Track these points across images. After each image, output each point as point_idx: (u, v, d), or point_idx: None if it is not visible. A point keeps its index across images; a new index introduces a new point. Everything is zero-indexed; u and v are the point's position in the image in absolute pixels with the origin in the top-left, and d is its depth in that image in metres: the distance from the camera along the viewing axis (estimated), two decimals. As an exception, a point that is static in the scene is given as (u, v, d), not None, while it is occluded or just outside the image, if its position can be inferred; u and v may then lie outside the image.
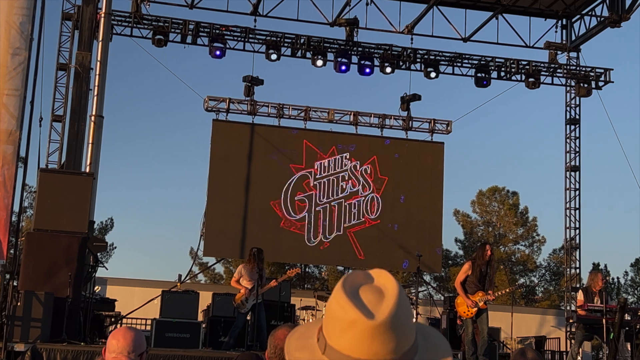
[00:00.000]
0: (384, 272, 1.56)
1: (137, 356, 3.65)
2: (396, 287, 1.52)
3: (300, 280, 33.18)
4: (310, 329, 1.61)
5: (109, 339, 3.70)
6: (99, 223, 34.80)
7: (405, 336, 1.50)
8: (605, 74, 20.71)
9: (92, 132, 15.20)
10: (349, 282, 1.53)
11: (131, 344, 3.64)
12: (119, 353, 3.62)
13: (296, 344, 1.60)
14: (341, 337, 1.49)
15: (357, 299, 1.49)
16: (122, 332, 3.72)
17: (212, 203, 19.28)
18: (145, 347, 3.73)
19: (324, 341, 1.53)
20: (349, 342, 1.48)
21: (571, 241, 21.81)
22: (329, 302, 1.54)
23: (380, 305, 1.48)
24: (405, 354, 1.50)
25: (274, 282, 12.92)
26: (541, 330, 23.66)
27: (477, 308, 11.70)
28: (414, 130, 20.84)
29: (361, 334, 1.47)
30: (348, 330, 1.48)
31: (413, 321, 1.54)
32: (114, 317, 16.25)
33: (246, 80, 19.52)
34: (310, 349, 1.55)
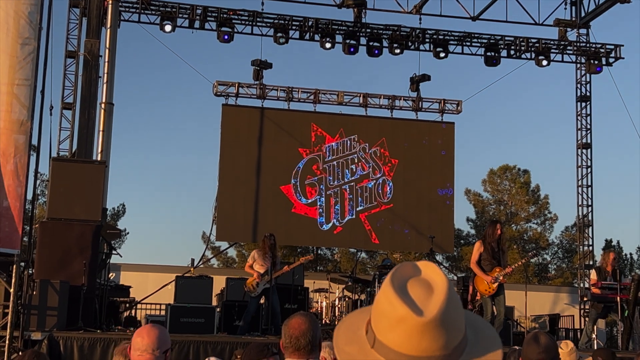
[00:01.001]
0: (431, 264, 1.56)
1: (162, 353, 3.67)
2: (445, 281, 1.52)
3: (313, 263, 33.24)
4: (358, 319, 1.61)
5: (134, 337, 3.70)
6: (111, 209, 34.92)
7: (455, 331, 1.50)
8: (616, 50, 20.57)
9: (103, 120, 15.24)
10: (397, 277, 1.53)
11: (156, 341, 3.65)
12: (143, 351, 3.63)
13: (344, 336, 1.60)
14: (390, 332, 1.49)
15: (406, 295, 1.49)
16: (146, 329, 3.73)
17: (223, 188, 19.31)
18: (170, 344, 3.75)
19: (372, 335, 1.53)
20: (398, 338, 1.48)
21: (583, 218, 21.76)
22: (377, 297, 1.54)
23: (429, 301, 1.48)
24: (455, 348, 1.50)
25: (286, 268, 12.98)
26: (555, 308, 23.67)
27: (497, 283, 11.72)
28: (424, 111, 20.78)
29: (410, 330, 1.47)
30: (397, 326, 1.48)
31: (462, 315, 1.54)
32: (129, 303, 16.35)
33: (255, 64, 19.48)
34: (360, 342, 1.56)
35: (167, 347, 3.70)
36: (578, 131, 21.82)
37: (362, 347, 1.54)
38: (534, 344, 3.88)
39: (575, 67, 21.77)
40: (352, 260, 31.21)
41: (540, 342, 3.87)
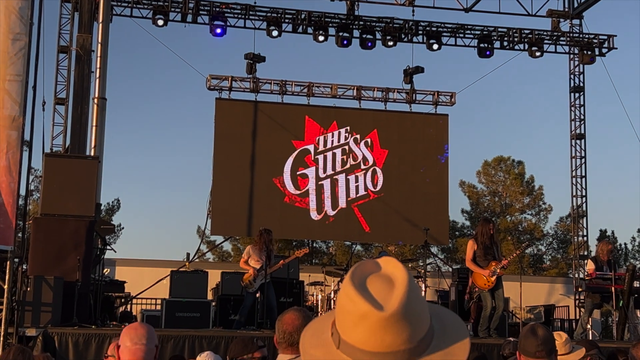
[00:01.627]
0: (392, 259, 1.54)
1: (154, 346, 3.69)
2: (405, 275, 1.49)
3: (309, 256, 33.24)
4: (324, 323, 1.60)
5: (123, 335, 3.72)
6: (106, 205, 34.85)
7: (419, 324, 1.48)
8: (609, 41, 20.58)
9: (96, 115, 15.18)
10: (357, 274, 1.51)
11: (146, 334, 3.68)
12: (135, 343, 3.65)
13: (310, 341, 1.58)
14: (354, 331, 1.47)
15: (366, 291, 1.47)
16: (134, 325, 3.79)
17: (217, 182, 19.28)
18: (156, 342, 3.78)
19: (337, 336, 1.51)
20: (362, 336, 1.46)
21: (578, 209, 21.80)
22: (339, 296, 1.52)
23: (389, 296, 1.46)
24: (420, 341, 1.48)
25: (281, 263, 12.98)
26: (550, 298, 23.71)
27: (495, 276, 11.76)
28: (417, 103, 20.77)
29: (373, 326, 1.45)
30: (360, 323, 1.46)
31: (426, 307, 1.52)
32: (124, 298, 16.33)
33: (248, 57, 19.43)
34: (325, 345, 1.54)
35: (156, 343, 3.73)
36: (572, 122, 21.84)
37: (328, 349, 1.52)
38: (531, 337, 3.87)
39: (568, 58, 21.78)
40: (347, 253, 31.20)
41: (538, 334, 3.86)
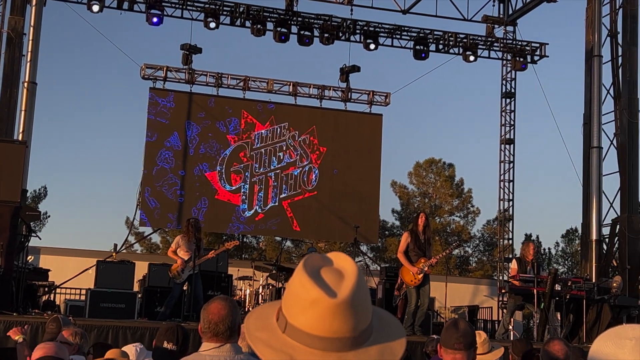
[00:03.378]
0: (342, 254, 1.60)
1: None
2: (355, 268, 1.56)
3: (238, 251, 33.15)
4: (269, 310, 1.64)
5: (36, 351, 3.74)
6: (32, 191, 34.17)
7: (364, 315, 1.54)
8: (541, 49, 21.01)
9: (25, 99, 14.90)
10: (309, 264, 1.56)
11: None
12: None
13: (255, 323, 1.62)
14: (303, 315, 1.52)
15: (319, 279, 1.52)
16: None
17: (148, 173, 19.06)
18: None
19: (284, 320, 1.55)
20: (311, 321, 1.51)
21: (505, 212, 22.22)
22: (290, 282, 1.56)
23: (341, 285, 1.52)
24: (363, 332, 1.54)
25: (212, 253, 12.91)
26: (474, 299, 24.15)
27: (422, 274, 11.93)
28: (352, 102, 20.87)
29: (323, 312, 1.50)
30: (310, 308, 1.51)
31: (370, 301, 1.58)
32: (47, 287, 16.02)
33: (184, 48, 19.25)
34: (271, 329, 1.58)
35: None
36: (502, 127, 22.24)
37: (273, 333, 1.57)
38: (452, 329, 3.95)
39: (501, 64, 22.19)
40: (277, 249, 31.22)
41: (459, 327, 3.95)
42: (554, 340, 5.26)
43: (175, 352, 4.27)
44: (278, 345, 1.54)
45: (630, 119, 17.75)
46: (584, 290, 13.58)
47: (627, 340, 1.69)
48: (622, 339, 1.70)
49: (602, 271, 17.15)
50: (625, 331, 1.72)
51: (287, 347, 1.53)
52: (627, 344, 1.68)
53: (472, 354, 3.99)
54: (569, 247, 39.48)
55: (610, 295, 14.31)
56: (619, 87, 18.14)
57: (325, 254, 1.61)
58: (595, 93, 18.02)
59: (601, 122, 18.04)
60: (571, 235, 38.88)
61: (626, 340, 1.68)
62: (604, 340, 1.74)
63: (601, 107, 18.11)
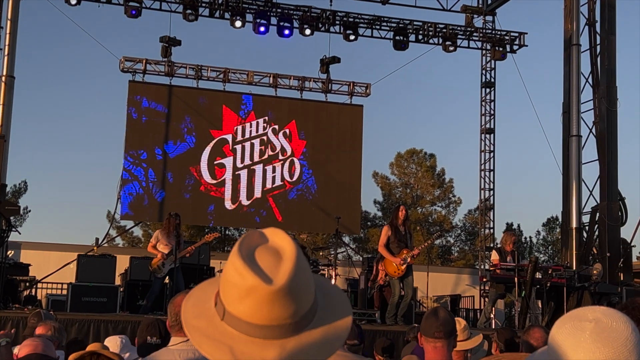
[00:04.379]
0: (279, 231, 1.53)
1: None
2: (293, 247, 1.49)
3: (221, 243, 33.14)
4: (206, 292, 1.57)
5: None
6: (12, 186, 33.96)
7: (305, 298, 1.48)
8: (520, 38, 21.07)
9: (3, 93, 14.79)
10: (244, 245, 1.50)
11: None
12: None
13: (192, 310, 1.55)
14: (240, 303, 1.46)
15: (254, 264, 1.46)
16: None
17: (129, 165, 18.97)
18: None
19: (222, 307, 1.49)
20: (249, 309, 1.46)
21: (485, 202, 22.32)
22: (225, 268, 1.50)
23: (278, 269, 1.46)
24: (304, 315, 1.48)
25: (191, 248, 12.88)
26: (456, 289, 24.25)
27: (406, 264, 11.99)
28: (333, 93, 20.86)
29: (260, 300, 1.44)
30: (247, 297, 1.45)
31: (312, 280, 1.52)
32: (29, 282, 15.94)
33: (163, 40, 19.14)
34: (208, 316, 1.52)
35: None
36: (482, 116, 22.33)
37: (211, 320, 1.50)
38: (432, 318, 3.98)
39: (480, 54, 22.25)
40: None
41: (439, 315, 3.97)
42: (533, 327, 5.30)
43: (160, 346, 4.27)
44: (217, 334, 1.48)
45: (609, 107, 17.86)
46: (565, 278, 13.70)
47: (586, 322, 1.63)
48: (582, 320, 1.65)
49: (583, 259, 17.28)
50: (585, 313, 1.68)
51: (226, 338, 1.47)
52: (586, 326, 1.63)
53: (452, 342, 4.01)
54: (550, 236, 39.73)
55: (590, 283, 14.43)
56: (598, 76, 18.24)
57: (262, 230, 1.53)
58: (574, 82, 18.11)
59: (580, 110, 18.14)
60: (552, 224, 39.12)
61: (585, 323, 1.63)
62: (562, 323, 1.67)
63: (580, 96, 18.21)
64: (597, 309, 1.67)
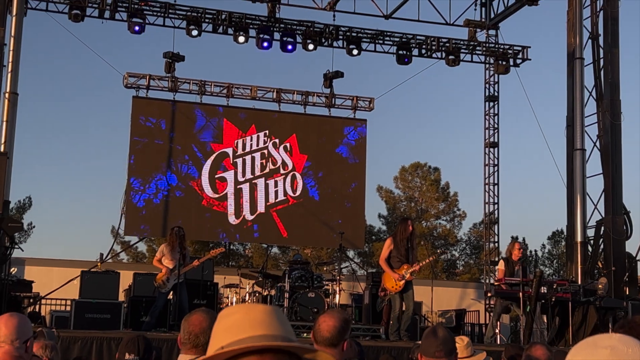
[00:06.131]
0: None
1: (23, 343, 3.49)
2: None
3: (225, 258, 33.06)
4: None
5: None
6: (17, 202, 34.00)
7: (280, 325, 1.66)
8: (523, 52, 21.07)
9: (7, 110, 14.82)
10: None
11: (14, 331, 3.45)
12: (2, 342, 3.44)
13: None
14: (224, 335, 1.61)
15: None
16: (4, 319, 3.51)
17: (132, 181, 18.98)
18: (31, 334, 3.57)
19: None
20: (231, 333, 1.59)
21: (490, 216, 22.25)
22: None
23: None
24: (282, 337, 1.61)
25: (196, 262, 12.87)
26: (462, 303, 24.16)
27: (404, 280, 11.92)
28: (336, 108, 20.87)
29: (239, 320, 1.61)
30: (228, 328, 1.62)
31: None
32: (32, 298, 15.93)
33: (167, 56, 19.18)
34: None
35: (28, 337, 3.51)
36: (486, 130, 22.29)
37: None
38: (432, 337, 3.95)
39: (484, 68, 22.22)
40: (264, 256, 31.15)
41: (438, 335, 3.94)
42: (536, 345, 5.27)
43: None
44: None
45: (613, 121, 17.82)
46: (570, 293, 13.60)
47: (602, 349, 1.66)
48: (598, 347, 1.67)
49: (588, 273, 17.20)
50: (601, 340, 1.69)
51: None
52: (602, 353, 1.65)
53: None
54: (555, 249, 39.58)
55: (596, 297, 14.33)
56: (601, 89, 18.21)
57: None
58: (577, 95, 18.07)
59: (584, 124, 18.09)
60: (557, 237, 38.99)
61: (601, 349, 1.66)
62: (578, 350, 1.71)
63: (584, 109, 18.17)
64: (614, 336, 1.70)
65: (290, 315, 13.24)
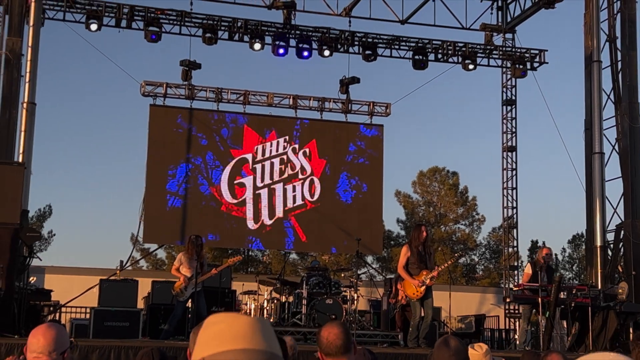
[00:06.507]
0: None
1: (60, 355, 3.52)
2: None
3: (243, 265, 33.12)
4: None
5: (29, 338, 3.55)
6: (37, 211, 34.22)
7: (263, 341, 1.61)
8: (540, 55, 20.97)
9: (25, 120, 14.92)
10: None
11: (52, 342, 3.49)
12: (39, 352, 3.47)
13: None
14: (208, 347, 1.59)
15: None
16: (42, 330, 3.56)
17: (150, 189, 19.06)
18: (68, 345, 3.61)
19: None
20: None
21: (509, 220, 22.14)
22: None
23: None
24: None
25: (214, 271, 12.89)
26: (481, 308, 24.06)
27: (424, 286, 11.88)
28: (353, 113, 20.86)
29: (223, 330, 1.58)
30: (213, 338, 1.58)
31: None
32: (52, 306, 16.01)
33: (183, 64, 19.26)
34: None
35: (65, 348, 3.54)
36: (503, 134, 22.19)
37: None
38: (444, 348, 3.91)
39: (501, 72, 22.14)
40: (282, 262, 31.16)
41: (450, 345, 3.91)
42: (552, 353, 5.23)
43: None
44: None
45: (631, 124, 17.69)
46: (589, 298, 13.49)
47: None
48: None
49: (608, 277, 17.05)
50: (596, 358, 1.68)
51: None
52: None
53: (466, 370, 3.95)
54: (576, 253, 39.32)
55: (616, 302, 14.20)
56: (619, 92, 18.08)
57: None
58: (595, 98, 17.95)
59: (602, 127, 17.96)
60: (577, 241, 38.72)
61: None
62: None
63: (602, 113, 18.03)
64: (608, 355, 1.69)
65: (308, 322, 13.23)
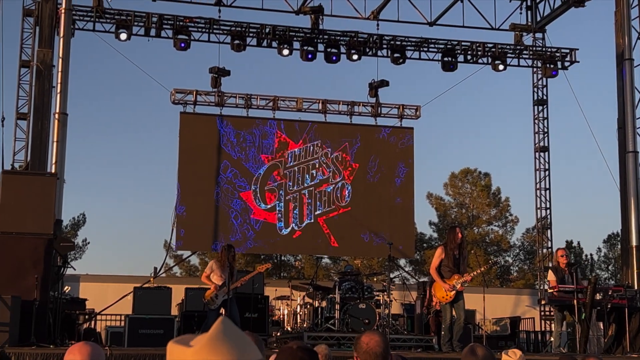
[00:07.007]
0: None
1: None
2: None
3: (276, 270, 33.18)
4: None
5: (65, 355, 3.58)
6: (71, 219, 34.55)
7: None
8: (571, 54, 20.76)
9: (57, 130, 15.06)
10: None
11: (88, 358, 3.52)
12: None
13: None
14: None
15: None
16: (78, 347, 3.59)
17: (183, 196, 19.15)
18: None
19: None
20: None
21: (542, 221, 21.94)
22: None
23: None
24: None
25: (244, 279, 12.90)
26: (516, 310, 23.83)
27: (455, 291, 11.78)
28: (383, 117, 20.80)
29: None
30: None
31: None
32: (87, 315, 16.14)
33: (212, 71, 19.36)
34: None
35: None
36: (535, 134, 22.00)
37: None
38: (471, 357, 3.87)
39: (531, 71, 21.95)
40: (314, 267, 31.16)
41: (478, 354, 3.86)
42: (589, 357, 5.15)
43: None
44: None
45: (665, 121, 17.44)
46: (626, 299, 13.30)
47: None
48: None
49: (645, 277, 16.80)
50: None
51: None
52: None
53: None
54: (612, 252, 38.84)
55: (653, 303, 13.99)
56: (653, 90, 17.84)
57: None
58: (628, 97, 17.72)
59: (636, 126, 17.73)
60: (613, 240, 38.25)
61: None
62: None
63: (635, 111, 17.80)
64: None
65: (341, 327, 13.19)
